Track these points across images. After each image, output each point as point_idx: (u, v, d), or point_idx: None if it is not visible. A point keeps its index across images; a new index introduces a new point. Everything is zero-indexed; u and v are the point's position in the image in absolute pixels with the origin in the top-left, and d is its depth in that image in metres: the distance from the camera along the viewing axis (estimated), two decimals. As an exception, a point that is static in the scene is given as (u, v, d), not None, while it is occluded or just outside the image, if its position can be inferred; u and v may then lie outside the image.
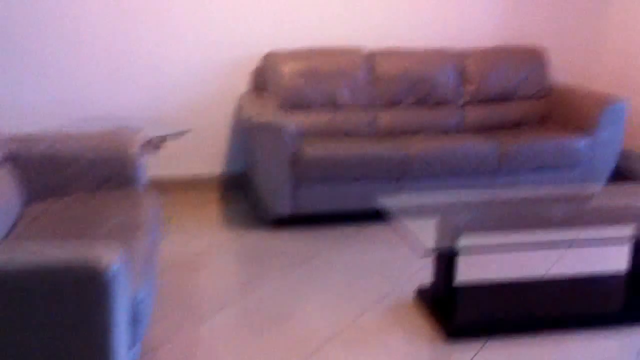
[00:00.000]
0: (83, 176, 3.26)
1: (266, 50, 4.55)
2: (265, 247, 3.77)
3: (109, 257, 1.99)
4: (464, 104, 4.65)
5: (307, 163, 3.91)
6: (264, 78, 4.51)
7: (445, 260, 2.90)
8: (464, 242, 2.83)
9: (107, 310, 2.01)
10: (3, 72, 4.24)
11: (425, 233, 2.88)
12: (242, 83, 4.60)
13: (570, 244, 3.11)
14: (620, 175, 4.48)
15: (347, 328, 2.90)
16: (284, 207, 3.97)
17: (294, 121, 4.26)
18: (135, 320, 2.23)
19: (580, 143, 4.22)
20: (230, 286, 3.30)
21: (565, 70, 5.01)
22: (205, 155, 4.68)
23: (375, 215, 3.83)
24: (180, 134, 4.17)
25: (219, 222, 4.14)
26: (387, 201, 3.22)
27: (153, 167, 4.47)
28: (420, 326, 2.89)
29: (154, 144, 3.93)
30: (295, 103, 4.40)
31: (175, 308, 3.05)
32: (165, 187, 4.57)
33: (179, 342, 2.78)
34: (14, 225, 2.83)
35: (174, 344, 2.75)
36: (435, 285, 3.01)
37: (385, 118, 4.51)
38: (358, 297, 3.17)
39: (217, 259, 3.63)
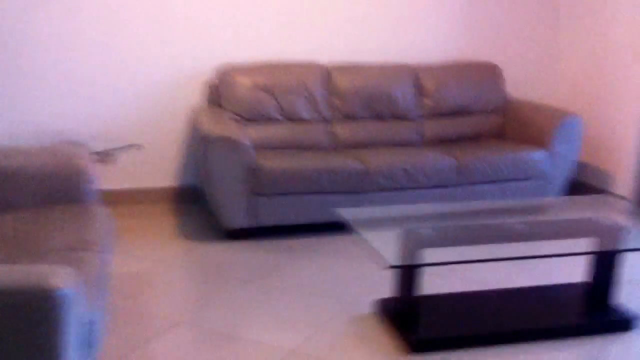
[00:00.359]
0: (30, 191, 3.12)
1: (218, 63, 4.48)
2: (221, 260, 3.68)
3: (60, 279, 1.89)
4: (421, 118, 4.65)
5: (264, 176, 3.86)
6: (218, 91, 4.44)
7: (408, 274, 2.85)
8: (426, 255, 2.80)
9: (59, 334, 1.89)
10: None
11: (387, 246, 2.84)
12: (194, 96, 4.52)
13: (532, 256, 3.09)
14: (576, 187, 4.52)
15: (307, 343, 2.82)
16: (240, 219, 3.90)
17: (251, 134, 4.21)
18: (87, 343, 2.12)
19: (537, 156, 4.25)
20: (185, 301, 3.20)
21: (520, 85, 5.06)
22: (158, 168, 4.58)
23: (334, 228, 3.78)
24: (130, 147, 4.06)
25: (173, 235, 4.04)
26: (347, 214, 3.17)
27: (104, 180, 4.34)
28: (383, 340, 2.83)
29: (104, 158, 3.82)
30: (252, 116, 4.36)
31: (128, 324, 2.93)
32: (117, 200, 4.44)
33: (132, 362, 2.67)
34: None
35: (127, 365, 2.64)
36: (397, 299, 2.96)
37: (343, 132, 4.49)
38: (316, 311, 3.10)
39: (171, 273, 3.53)
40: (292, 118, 4.42)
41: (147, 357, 2.69)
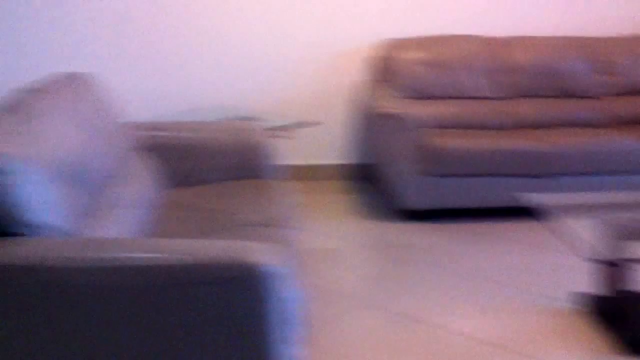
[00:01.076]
0: (213, 165, 3.12)
1: (379, 38, 4.32)
2: (402, 241, 3.57)
3: (267, 256, 1.85)
4: (602, 96, 4.28)
5: (440, 156, 3.69)
6: (383, 67, 4.29)
7: (619, 268, 2.58)
8: (632, 248, 2.51)
9: (265, 311, 1.85)
10: (118, 62, 4.25)
11: (590, 235, 2.58)
12: (357, 71, 4.42)
13: None
14: None
15: (503, 334, 2.61)
16: (416, 200, 3.75)
17: (419, 112, 4.03)
18: (293, 320, 2.03)
19: None
20: (371, 280, 3.17)
21: None
22: (330, 145, 4.52)
23: (511, 213, 3.55)
24: (304, 124, 4.01)
25: (350, 213, 3.99)
26: (535, 199, 2.93)
27: (280, 156, 4.35)
28: (590, 338, 2.58)
29: (278, 134, 3.77)
30: (419, 93, 4.18)
31: (316, 302, 2.84)
32: (292, 176, 4.41)
33: (323, 340, 2.58)
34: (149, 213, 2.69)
35: (318, 342, 2.56)
36: (609, 294, 2.68)
37: (517, 110, 4.20)
38: (507, 301, 2.89)
39: (354, 251, 3.51)
40: (460, 95, 4.21)
41: (336, 335, 2.64)
